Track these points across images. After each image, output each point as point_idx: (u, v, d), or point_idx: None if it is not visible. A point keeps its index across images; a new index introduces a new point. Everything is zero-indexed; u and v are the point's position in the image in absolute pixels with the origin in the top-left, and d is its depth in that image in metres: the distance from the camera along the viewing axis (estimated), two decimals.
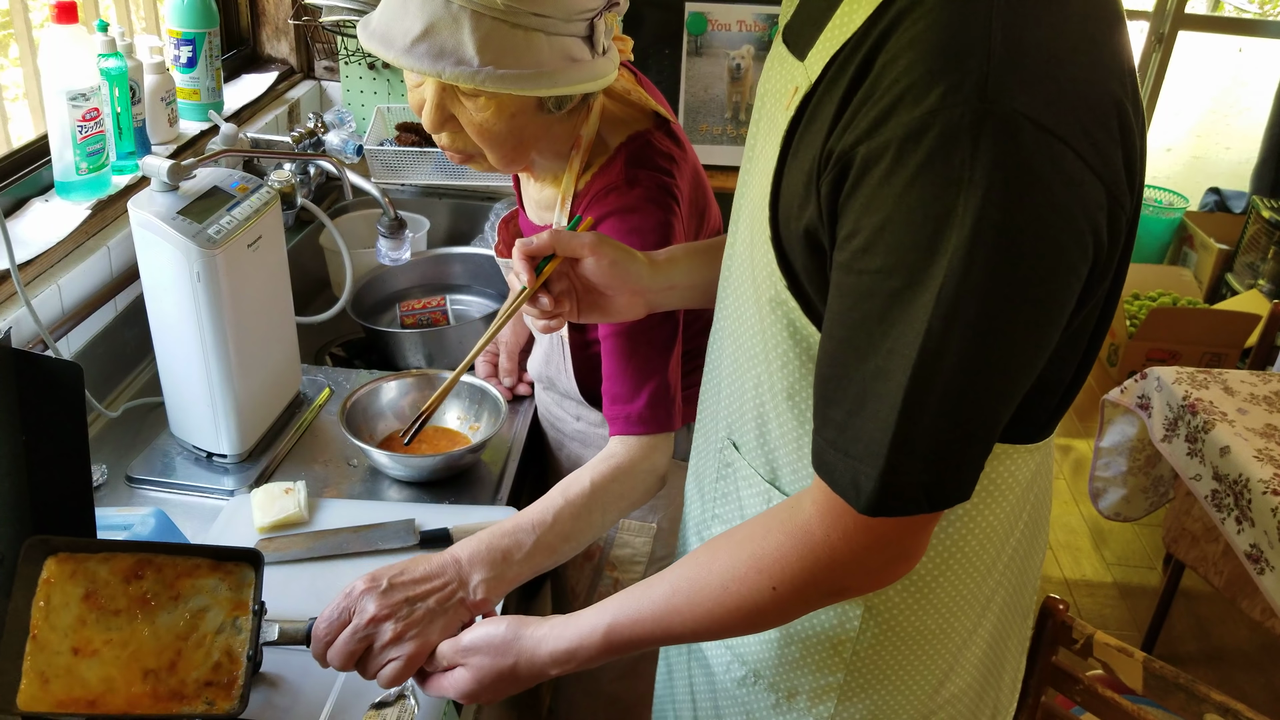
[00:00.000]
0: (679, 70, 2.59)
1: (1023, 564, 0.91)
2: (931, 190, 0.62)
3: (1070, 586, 2.79)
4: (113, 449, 1.38)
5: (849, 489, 0.69)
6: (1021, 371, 0.68)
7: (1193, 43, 4.50)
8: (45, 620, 0.88)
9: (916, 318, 0.63)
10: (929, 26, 0.63)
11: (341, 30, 2.16)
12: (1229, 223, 4.27)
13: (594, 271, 1.01)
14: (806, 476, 0.82)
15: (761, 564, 0.75)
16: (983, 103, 0.60)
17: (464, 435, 1.43)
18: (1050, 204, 0.62)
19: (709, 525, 0.97)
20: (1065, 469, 3.30)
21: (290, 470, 1.37)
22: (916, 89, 0.62)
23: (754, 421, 0.86)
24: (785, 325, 0.78)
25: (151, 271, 1.25)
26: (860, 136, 0.64)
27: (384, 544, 1.21)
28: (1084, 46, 0.65)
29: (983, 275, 0.62)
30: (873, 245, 0.65)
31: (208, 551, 0.95)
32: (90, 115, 1.44)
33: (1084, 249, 0.65)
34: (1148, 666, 1.29)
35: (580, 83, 1.08)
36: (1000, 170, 0.60)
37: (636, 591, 0.83)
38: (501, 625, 0.88)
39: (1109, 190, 0.64)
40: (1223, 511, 1.94)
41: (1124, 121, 0.65)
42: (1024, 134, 0.60)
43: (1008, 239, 0.62)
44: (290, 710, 0.99)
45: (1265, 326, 2.55)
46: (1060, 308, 0.67)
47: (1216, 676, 2.52)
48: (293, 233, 1.98)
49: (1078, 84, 0.63)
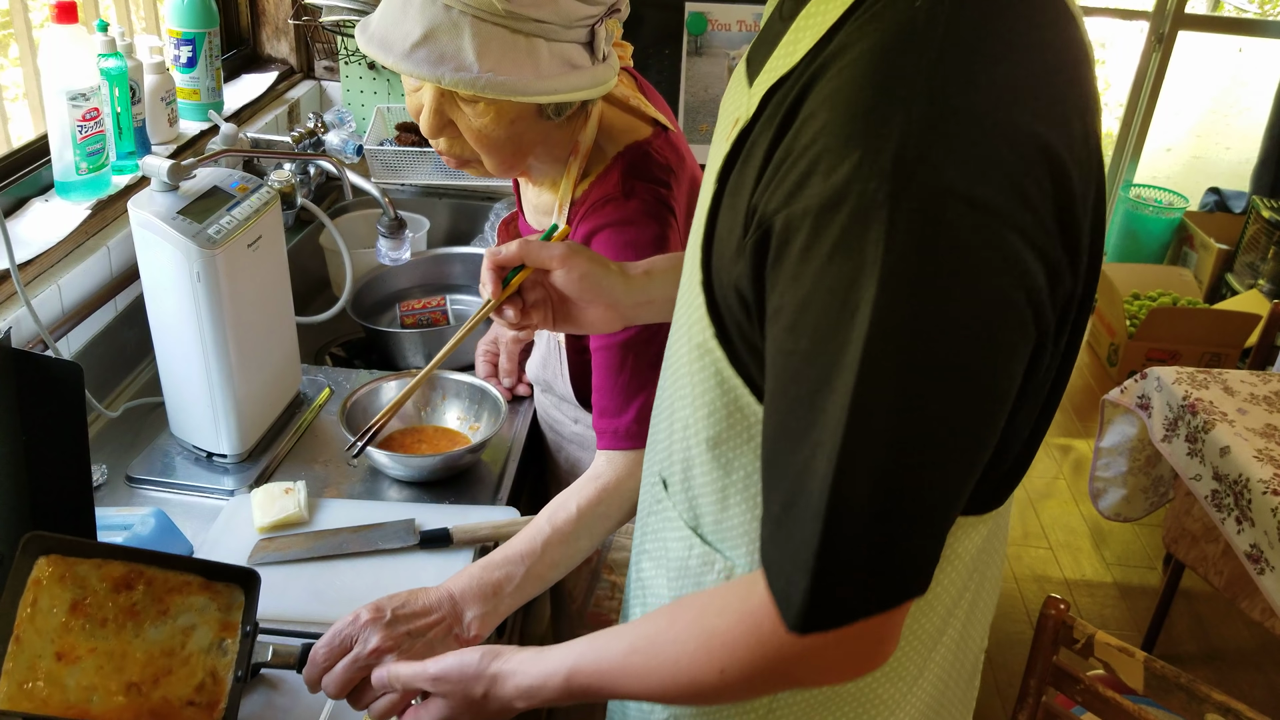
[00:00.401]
0: (679, 70, 2.59)
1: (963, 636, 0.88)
2: (845, 271, 0.57)
3: (1070, 586, 2.79)
4: (113, 449, 1.38)
5: (782, 598, 0.65)
6: (960, 459, 0.62)
7: (1193, 43, 4.50)
8: (30, 622, 0.86)
9: (834, 411, 0.59)
10: (850, 80, 0.58)
11: (341, 30, 2.16)
12: (1229, 223, 4.27)
13: (565, 284, 0.97)
14: (728, 531, 0.79)
15: (712, 644, 0.71)
16: (900, 176, 0.55)
17: (464, 435, 1.43)
18: (976, 284, 0.56)
19: (640, 561, 0.93)
20: (1065, 469, 3.30)
21: (290, 470, 1.37)
22: (832, 155, 0.57)
23: (680, 464, 0.82)
24: (712, 373, 0.73)
25: (151, 271, 1.25)
26: (780, 203, 0.60)
27: (384, 544, 1.21)
28: (1026, 100, 0.58)
29: (897, 366, 0.57)
30: (796, 325, 0.60)
31: (200, 567, 0.95)
32: (90, 115, 1.44)
33: (1023, 327, 0.60)
34: (1148, 666, 1.29)
35: (580, 90, 1.07)
36: (917, 252, 0.55)
37: (600, 640, 0.80)
38: (474, 655, 0.86)
39: (1047, 262, 0.59)
40: (1223, 511, 1.94)
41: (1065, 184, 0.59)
42: (950, 211, 0.55)
43: (925, 326, 0.56)
44: (290, 711, 0.99)
45: (1265, 326, 2.55)
46: (1002, 389, 0.61)
47: (1216, 676, 2.52)
48: (293, 233, 1.98)
49: (1014, 146, 0.56)
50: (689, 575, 0.84)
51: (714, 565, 0.81)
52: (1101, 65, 5.28)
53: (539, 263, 0.97)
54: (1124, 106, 4.62)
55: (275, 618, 1.10)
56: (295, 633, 1.09)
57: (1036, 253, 0.58)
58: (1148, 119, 4.54)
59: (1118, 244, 4.57)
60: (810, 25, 0.65)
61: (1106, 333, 3.87)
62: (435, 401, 1.46)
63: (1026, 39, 0.60)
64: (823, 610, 0.63)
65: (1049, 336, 0.62)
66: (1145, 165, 4.70)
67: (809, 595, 0.62)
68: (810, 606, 0.62)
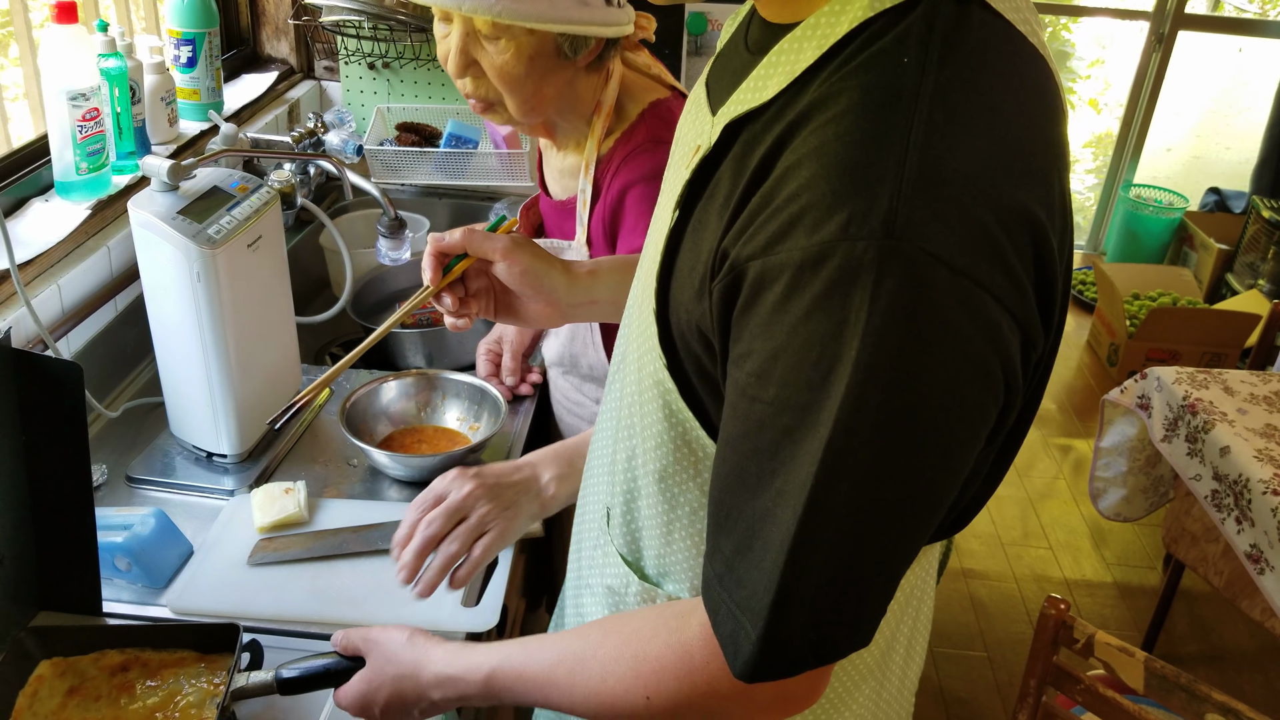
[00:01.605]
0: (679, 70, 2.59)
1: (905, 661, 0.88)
2: (826, 328, 0.56)
3: (1070, 586, 2.79)
4: (113, 449, 1.38)
5: (728, 643, 0.64)
6: (922, 518, 0.62)
7: (1193, 43, 4.50)
8: (29, 707, 0.93)
9: (804, 464, 0.58)
10: (838, 135, 0.57)
11: (341, 30, 2.16)
12: (1229, 223, 4.27)
13: (506, 277, 0.98)
14: (672, 565, 0.78)
15: (640, 669, 0.70)
16: (889, 239, 0.54)
17: (464, 435, 1.43)
18: (957, 352, 0.56)
19: (580, 594, 0.92)
20: (1065, 469, 3.30)
21: (290, 470, 1.37)
22: (817, 210, 0.56)
23: (623, 496, 0.81)
24: (661, 405, 0.72)
25: (151, 271, 1.25)
26: (756, 251, 0.59)
27: (384, 544, 1.21)
28: (1010, 164, 0.58)
29: (873, 426, 0.57)
30: (766, 374, 0.59)
31: (192, 640, 0.98)
32: (90, 115, 1.44)
33: (995, 392, 0.60)
34: (1149, 666, 1.29)
35: (593, 25, 1.14)
36: (902, 316, 0.55)
37: (529, 646, 0.79)
38: (405, 633, 0.87)
39: (1024, 329, 0.59)
40: (1223, 511, 1.94)
41: (1045, 249, 0.59)
42: (936, 278, 0.54)
43: (904, 389, 0.56)
44: (290, 711, 0.99)
45: (1265, 326, 2.55)
46: (965, 452, 0.61)
47: (1216, 676, 2.52)
48: (293, 233, 1.98)
49: (1000, 213, 0.56)
50: (627, 610, 0.83)
51: (655, 601, 0.80)
52: (1101, 65, 5.28)
53: (481, 253, 0.97)
54: (1124, 106, 4.62)
55: (275, 618, 1.10)
56: (296, 633, 1.09)
57: (1014, 321, 0.58)
58: (1148, 119, 4.54)
59: (1118, 244, 4.57)
60: (782, 63, 0.63)
61: (1106, 333, 3.87)
62: (435, 401, 1.46)
63: (1010, 97, 0.59)
64: (771, 661, 0.62)
65: (1017, 397, 0.62)
66: (1145, 165, 4.70)
67: (759, 645, 0.61)
68: (759, 656, 0.62)
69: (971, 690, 2.41)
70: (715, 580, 0.66)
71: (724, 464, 0.65)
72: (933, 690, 2.40)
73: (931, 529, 0.64)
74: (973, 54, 0.58)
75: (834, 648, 0.63)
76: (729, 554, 0.64)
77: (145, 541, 1.13)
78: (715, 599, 0.66)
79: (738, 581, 0.63)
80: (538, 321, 1.04)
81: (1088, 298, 4.31)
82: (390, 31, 2.13)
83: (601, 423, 0.89)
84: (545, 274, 0.99)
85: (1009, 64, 0.60)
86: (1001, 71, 0.59)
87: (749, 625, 0.62)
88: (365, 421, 1.41)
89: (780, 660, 0.62)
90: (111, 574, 1.13)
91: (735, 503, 0.64)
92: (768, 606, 0.60)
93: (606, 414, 0.87)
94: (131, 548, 1.12)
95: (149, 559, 1.13)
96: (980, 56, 0.59)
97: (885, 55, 0.58)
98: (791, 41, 0.63)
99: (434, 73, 2.31)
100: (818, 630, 0.61)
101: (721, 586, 0.65)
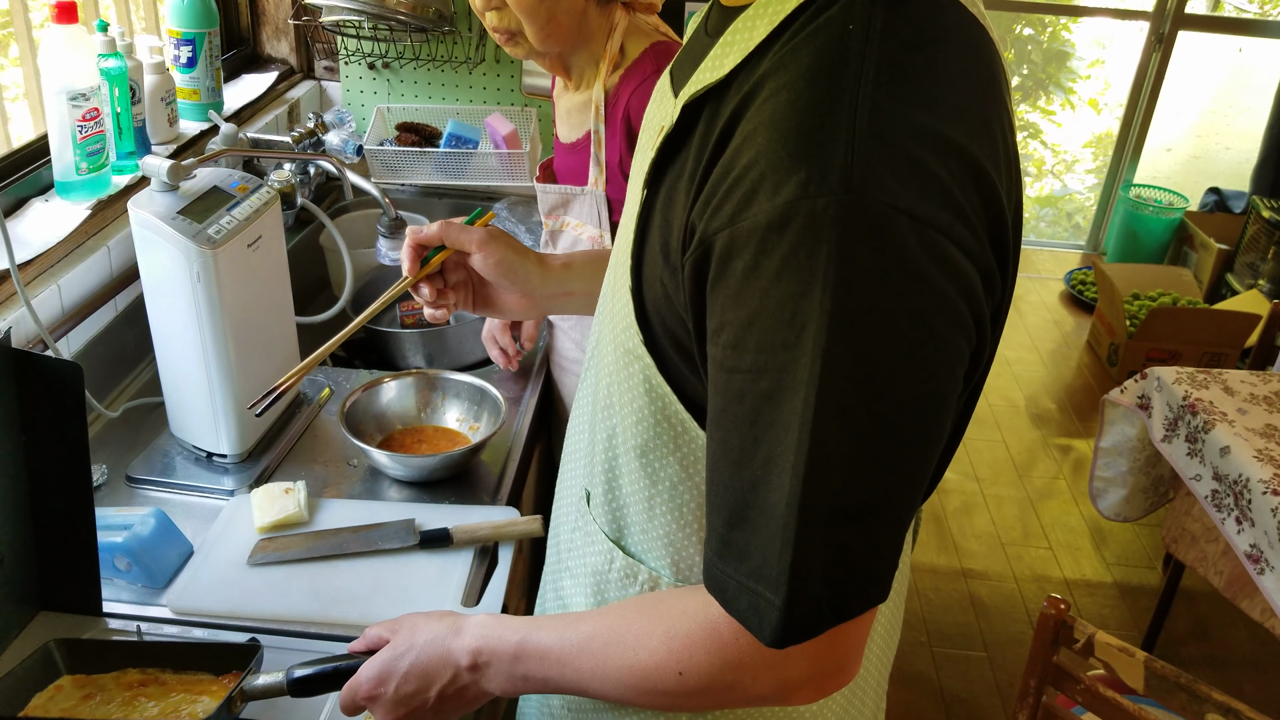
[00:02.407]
0: None
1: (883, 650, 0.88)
2: (795, 287, 0.57)
3: (1070, 586, 2.79)
4: (113, 449, 1.38)
5: (750, 617, 0.64)
6: (917, 462, 0.63)
7: (1193, 43, 4.50)
8: (42, 707, 0.94)
9: (789, 425, 0.59)
10: (790, 102, 0.59)
11: (341, 30, 2.16)
12: (1229, 223, 4.27)
13: (482, 268, 1.02)
14: (654, 540, 0.79)
15: (672, 645, 0.70)
16: (848, 194, 0.56)
17: (464, 435, 1.43)
18: (926, 294, 0.58)
19: (560, 578, 0.92)
20: (1065, 469, 3.30)
21: (290, 470, 1.37)
22: (776, 174, 0.57)
23: (604, 474, 0.81)
24: (641, 380, 0.73)
25: (151, 271, 1.25)
26: (722, 222, 0.60)
27: (384, 544, 1.21)
28: (955, 118, 0.60)
29: (856, 376, 0.58)
30: (740, 342, 0.61)
31: (211, 662, 0.97)
32: (90, 115, 1.44)
33: (968, 333, 0.61)
34: (1149, 666, 1.29)
35: None
36: (869, 266, 0.56)
37: (563, 619, 0.79)
38: (436, 612, 0.86)
39: (983, 273, 0.61)
40: (1223, 511, 1.94)
41: (994, 198, 0.61)
42: (897, 226, 0.56)
43: (880, 335, 0.58)
44: (291, 711, 0.99)
45: (1265, 326, 2.55)
46: (949, 392, 0.62)
47: (1216, 676, 2.52)
48: (293, 233, 1.98)
49: (950, 163, 0.58)
50: (609, 588, 0.83)
51: (637, 577, 0.81)
52: (1101, 65, 5.28)
53: (458, 245, 1.01)
54: (1124, 106, 4.62)
55: (275, 618, 1.10)
56: (296, 633, 1.09)
57: (973, 265, 0.60)
58: (1148, 119, 4.54)
59: (1118, 244, 4.57)
60: (736, 41, 0.66)
61: (1106, 333, 3.87)
62: (435, 402, 1.46)
63: (951, 57, 0.62)
64: (799, 622, 0.62)
65: (985, 341, 0.64)
66: (1145, 165, 4.70)
67: (785, 609, 0.62)
68: (786, 619, 0.62)
69: (971, 690, 2.41)
70: (715, 558, 0.66)
71: (711, 441, 0.66)
72: (933, 690, 2.40)
73: (928, 474, 0.65)
74: (915, 18, 0.61)
75: (851, 603, 0.63)
76: (722, 530, 0.65)
77: (145, 541, 1.13)
78: (719, 577, 0.66)
79: (740, 554, 0.64)
80: (514, 313, 1.08)
81: (1088, 298, 4.31)
82: (390, 31, 2.13)
83: (579, 406, 0.90)
84: (519, 265, 1.03)
85: (950, 28, 0.63)
86: (942, 33, 0.62)
87: (768, 593, 0.62)
88: (365, 421, 1.41)
89: (806, 621, 0.63)
90: (111, 574, 1.13)
91: (722, 478, 0.65)
92: (786, 570, 0.61)
93: (583, 396, 0.89)
94: (131, 548, 1.12)
95: (149, 559, 1.13)
96: (923, 22, 0.61)
97: (831, 23, 0.60)
98: (745, 20, 0.66)
99: (434, 73, 2.31)
100: (832, 588, 0.62)
101: (723, 562, 0.65)
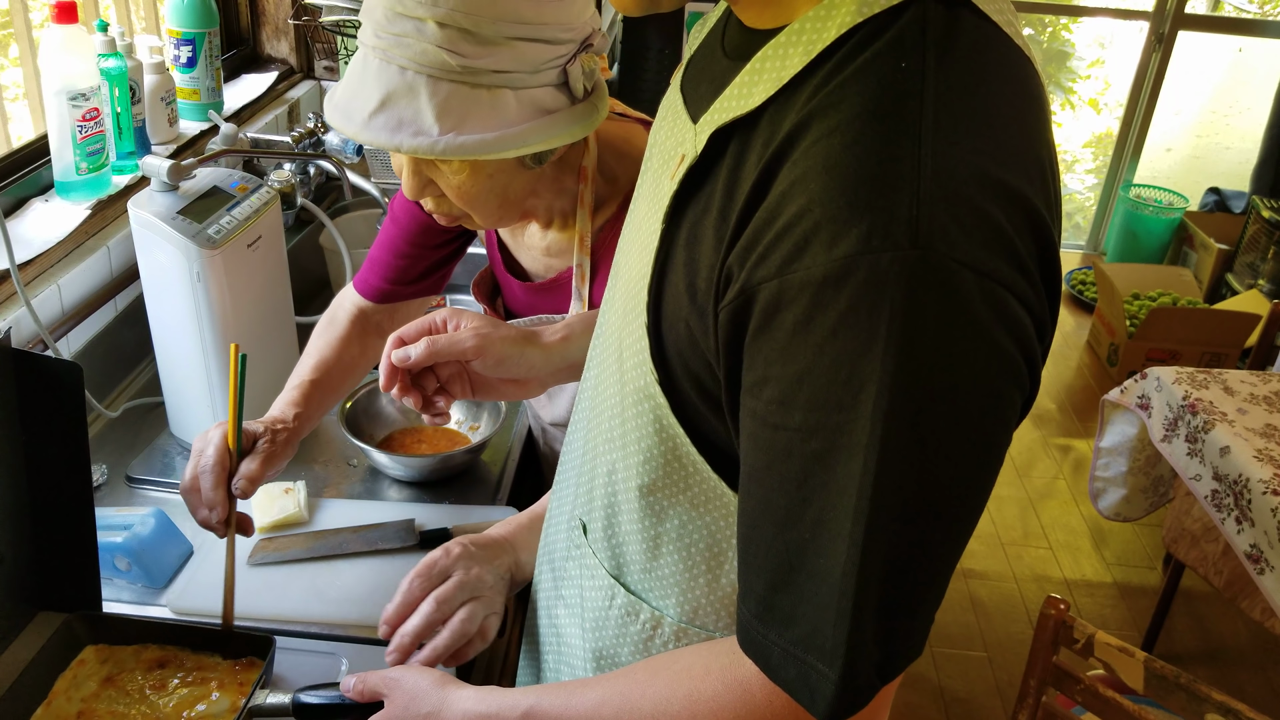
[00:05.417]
0: None
1: None
2: (854, 345, 0.54)
3: (1070, 586, 2.79)
4: (113, 449, 1.38)
5: (799, 688, 0.61)
6: (970, 519, 0.61)
7: (1193, 43, 4.50)
8: (65, 691, 0.96)
9: (845, 489, 0.56)
10: (845, 145, 0.55)
11: (341, 30, 2.16)
12: (1229, 223, 4.27)
13: (483, 369, 0.99)
14: (658, 580, 0.76)
15: (695, 708, 0.68)
16: (914, 248, 0.53)
17: (464, 435, 1.43)
18: (989, 353, 0.56)
19: (554, 607, 0.90)
20: (1065, 469, 3.30)
21: (290, 470, 1.37)
22: (834, 224, 0.54)
23: (603, 509, 0.78)
24: (651, 420, 0.70)
25: (151, 271, 1.25)
26: (769, 272, 0.57)
27: (384, 544, 1.21)
28: (1013, 162, 0.57)
29: (918, 439, 0.55)
30: (789, 399, 0.57)
31: (223, 646, 1.00)
32: (90, 115, 1.44)
33: (1021, 384, 0.60)
34: (1149, 666, 1.29)
35: (557, 136, 0.99)
36: (934, 325, 0.54)
37: (568, 687, 0.77)
38: (431, 676, 0.85)
39: (1038, 322, 0.59)
40: (1222, 511, 1.94)
41: (1049, 243, 0.59)
42: (963, 282, 0.54)
43: (944, 397, 0.55)
44: None
45: (1265, 326, 2.55)
46: (1003, 446, 0.61)
47: (1216, 676, 2.52)
48: (293, 233, 1.98)
49: (1011, 212, 0.56)
50: (608, 625, 0.81)
51: (639, 615, 0.78)
52: (1101, 65, 5.28)
53: (452, 358, 0.98)
54: (1124, 106, 4.62)
55: (275, 617, 1.10)
56: (296, 633, 1.09)
57: (1030, 315, 0.58)
58: (1148, 119, 4.54)
59: (1118, 244, 4.57)
60: (768, 70, 0.62)
61: (1106, 333, 3.87)
62: None
63: (1005, 98, 0.59)
64: (854, 696, 0.60)
65: (1036, 387, 0.63)
66: (1145, 165, 4.70)
67: (840, 684, 0.59)
68: (842, 693, 0.60)
69: (971, 690, 2.41)
70: (754, 621, 0.63)
71: (749, 499, 0.63)
72: (933, 690, 2.40)
73: (972, 530, 0.63)
74: (967, 57, 0.58)
75: (897, 664, 0.61)
76: (763, 592, 0.62)
77: (145, 541, 1.13)
78: (760, 642, 0.63)
79: (785, 619, 0.61)
80: (518, 396, 1.04)
81: (1088, 298, 4.31)
82: None
83: (573, 432, 0.87)
84: (520, 357, 1.00)
85: (1001, 66, 0.60)
86: (995, 74, 0.59)
87: (821, 664, 0.60)
88: (365, 421, 1.41)
89: (862, 694, 0.60)
90: (111, 574, 1.13)
91: (764, 538, 0.61)
92: (843, 643, 0.59)
93: (577, 428, 0.85)
94: (131, 548, 1.12)
95: (149, 559, 1.13)
96: (975, 60, 0.58)
97: (881, 60, 0.57)
98: (776, 47, 0.62)
99: None
100: (882, 651, 0.60)
101: (764, 626, 0.62)
